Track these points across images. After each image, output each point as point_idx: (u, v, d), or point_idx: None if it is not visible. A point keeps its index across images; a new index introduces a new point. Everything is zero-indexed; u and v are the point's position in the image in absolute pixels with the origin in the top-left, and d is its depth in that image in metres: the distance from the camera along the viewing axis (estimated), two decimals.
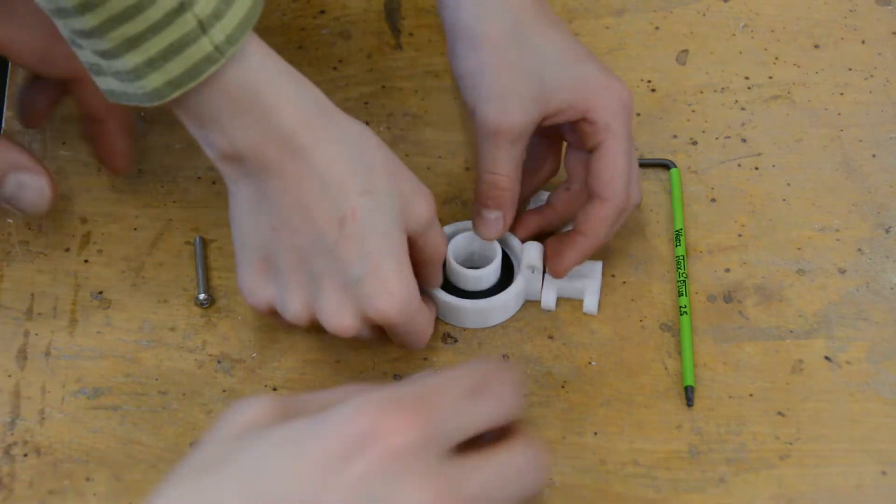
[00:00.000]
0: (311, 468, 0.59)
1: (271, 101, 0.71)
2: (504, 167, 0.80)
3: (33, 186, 0.80)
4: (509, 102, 0.79)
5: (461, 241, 0.83)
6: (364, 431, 0.59)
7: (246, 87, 0.70)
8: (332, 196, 0.72)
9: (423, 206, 0.75)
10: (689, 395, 0.79)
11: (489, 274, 0.82)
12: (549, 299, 0.83)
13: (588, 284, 0.83)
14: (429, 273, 0.79)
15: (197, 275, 0.84)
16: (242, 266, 0.76)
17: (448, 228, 0.84)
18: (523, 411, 0.64)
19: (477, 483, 0.61)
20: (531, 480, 0.63)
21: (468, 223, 0.84)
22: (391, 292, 0.73)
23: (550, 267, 0.82)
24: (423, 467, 0.59)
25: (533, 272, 0.82)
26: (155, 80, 0.69)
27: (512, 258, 0.84)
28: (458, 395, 0.62)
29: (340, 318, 0.74)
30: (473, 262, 0.83)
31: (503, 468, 0.62)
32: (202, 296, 0.83)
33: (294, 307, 0.75)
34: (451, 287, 0.82)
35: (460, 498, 0.60)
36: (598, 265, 0.84)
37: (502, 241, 0.84)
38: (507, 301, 0.82)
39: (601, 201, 0.80)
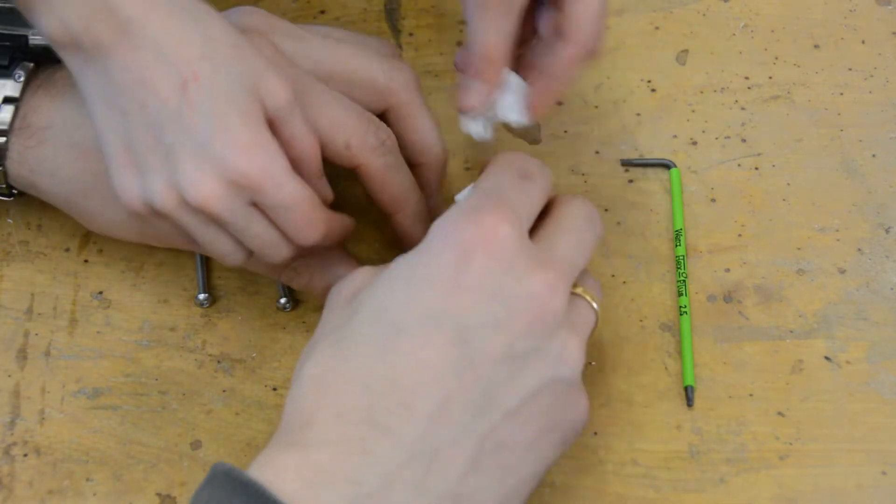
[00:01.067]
0: (434, 286, 0.67)
1: None
2: (490, 36, 0.77)
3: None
4: None
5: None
6: (468, 240, 0.68)
7: None
8: (170, 63, 0.70)
9: (277, 85, 0.72)
10: (689, 395, 0.79)
11: None
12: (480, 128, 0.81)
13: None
14: (304, 176, 0.75)
15: (197, 275, 0.84)
16: (110, 165, 0.73)
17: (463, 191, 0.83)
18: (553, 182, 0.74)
19: (563, 246, 0.71)
20: (598, 224, 0.74)
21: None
22: (243, 145, 0.70)
23: (531, 102, 0.79)
24: (527, 253, 0.69)
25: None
26: None
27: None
28: (517, 185, 0.72)
29: (200, 186, 0.71)
30: None
31: (573, 222, 0.73)
32: (202, 296, 0.83)
33: (158, 190, 0.72)
34: None
35: (561, 267, 0.70)
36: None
37: None
38: None
39: (571, 44, 0.77)
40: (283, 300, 0.83)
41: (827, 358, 0.82)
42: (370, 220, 0.86)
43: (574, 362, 0.70)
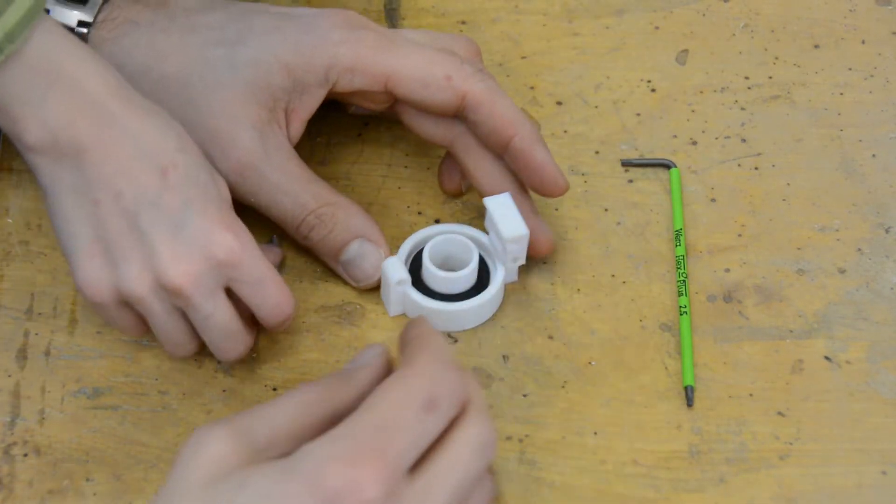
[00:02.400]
0: None
1: (77, 73, 0.73)
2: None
3: (372, 257, 0.82)
4: None
5: (439, 242, 0.83)
6: (335, 489, 0.61)
7: (49, 65, 0.72)
8: (150, 154, 0.74)
9: (224, 186, 0.77)
10: (689, 395, 0.79)
11: (464, 277, 0.82)
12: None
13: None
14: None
15: None
16: (75, 261, 0.75)
17: (425, 231, 0.84)
18: (475, 388, 0.67)
19: (441, 491, 0.64)
20: (490, 451, 0.66)
21: (447, 226, 0.84)
22: (223, 224, 0.74)
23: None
24: None
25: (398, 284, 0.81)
26: None
27: (488, 262, 0.83)
28: (415, 419, 0.64)
29: (178, 264, 0.73)
30: (450, 266, 0.83)
31: (457, 463, 0.65)
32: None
33: (132, 275, 0.73)
34: (426, 290, 0.82)
35: None
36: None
37: (480, 246, 0.83)
38: (481, 305, 0.82)
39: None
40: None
41: (827, 358, 0.82)
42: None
43: None
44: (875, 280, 0.85)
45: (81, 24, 0.82)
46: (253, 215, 0.82)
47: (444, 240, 0.83)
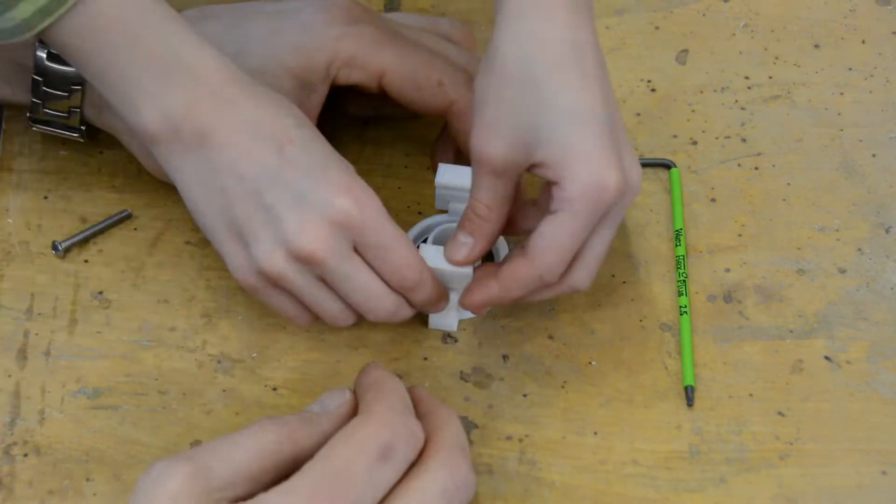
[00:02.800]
0: None
1: (194, 61, 0.74)
2: (484, 196, 0.76)
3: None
4: (495, 135, 0.74)
5: (442, 233, 0.83)
6: None
7: (165, 51, 0.73)
8: (267, 134, 0.74)
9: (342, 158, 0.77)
10: (689, 394, 0.79)
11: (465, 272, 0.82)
12: (452, 321, 0.82)
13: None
14: None
15: None
16: (222, 253, 0.77)
17: (428, 220, 0.85)
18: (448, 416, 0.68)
19: None
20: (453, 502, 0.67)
21: (453, 216, 0.84)
22: (343, 188, 0.74)
23: (462, 297, 0.79)
24: None
25: None
26: (24, 10, 0.70)
27: (492, 251, 0.83)
28: (370, 468, 0.65)
29: (305, 232, 0.74)
30: None
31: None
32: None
33: (264, 253, 0.74)
34: None
35: None
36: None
37: None
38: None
39: (527, 262, 0.75)
40: None
41: (827, 358, 0.82)
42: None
43: None
44: (875, 280, 0.85)
45: None
46: None
47: (451, 229, 0.83)
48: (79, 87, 0.82)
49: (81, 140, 0.86)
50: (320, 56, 0.81)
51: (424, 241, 0.84)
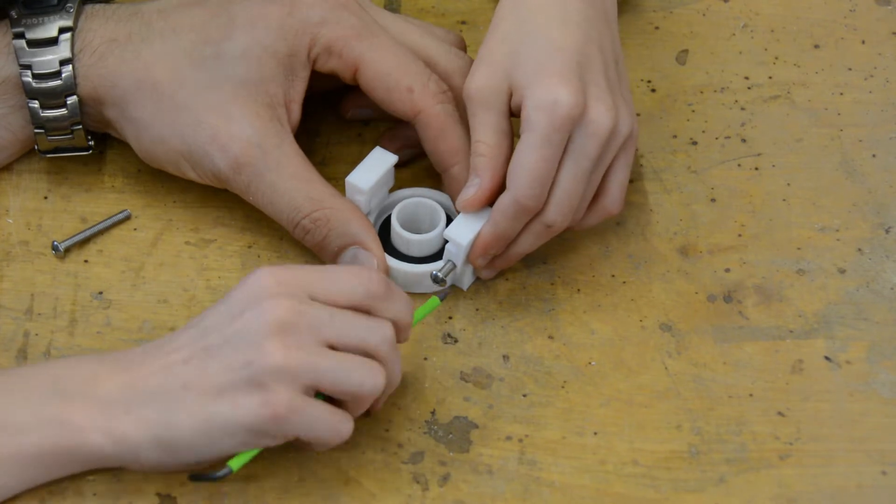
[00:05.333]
0: None
1: None
2: (482, 134, 0.80)
3: (366, 264, 0.82)
4: (481, 65, 0.81)
5: (408, 205, 0.84)
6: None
7: None
8: None
9: None
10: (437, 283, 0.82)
11: (431, 240, 0.83)
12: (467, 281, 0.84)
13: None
14: None
15: None
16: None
17: (398, 193, 0.85)
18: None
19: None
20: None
21: (418, 189, 0.85)
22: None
23: (470, 255, 0.82)
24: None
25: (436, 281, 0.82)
26: None
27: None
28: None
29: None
30: (418, 228, 0.84)
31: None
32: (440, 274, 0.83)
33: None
34: (395, 252, 0.83)
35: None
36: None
37: (449, 210, 0.84)
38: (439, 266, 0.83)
39: (505, 191, 0.80)
40: None
41: (827, 358, 0.82)
42: None
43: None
44: (875, 280, 0.85)
45: (63, 29, 0.82)
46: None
47: (413, 203, 0.83)
48: (73, 95, 0.82)
49: (91, 152, 0.86)
50: (301, 40, 0.82)
51: (388, 216, 0.85)
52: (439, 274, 0.81)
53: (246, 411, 0.71)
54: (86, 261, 0.85)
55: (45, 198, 0.87)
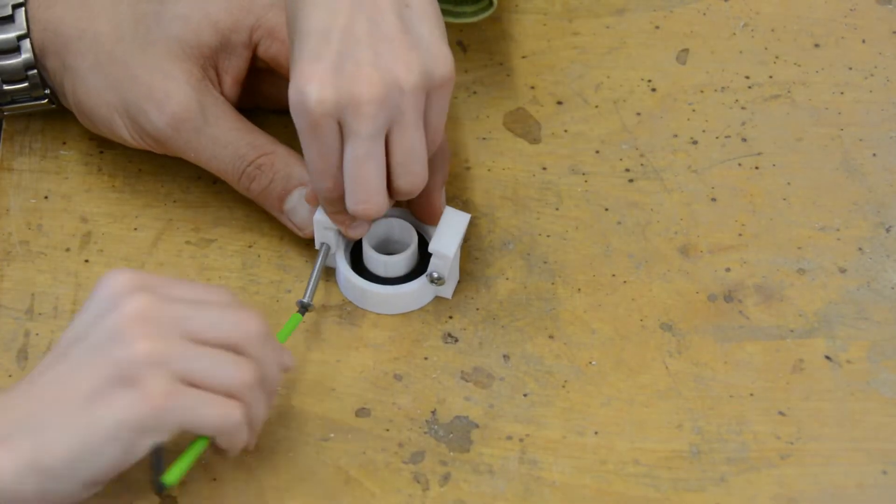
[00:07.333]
0: None
1: None
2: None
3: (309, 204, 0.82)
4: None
5: (379, 226, 0.83)
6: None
7: None
8: None
9: None
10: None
11: (403, 261, 0.82)
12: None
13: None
14: None
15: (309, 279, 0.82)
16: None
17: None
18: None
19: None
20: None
21: (389, 210, 0.83)
22: None
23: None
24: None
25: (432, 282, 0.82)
26: None
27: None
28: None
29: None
30: (389, 248, 0.83)
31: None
32: (305, 300, 0.81)
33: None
34: (365, 272, 0.83)
35: None
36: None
37: (421, 229, 0.84)
38: (415, 290, 0.82)
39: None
40: None
41: (828, 357, 0.82)
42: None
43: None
44: (876, 279, 0.85)
45: None
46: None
47: (385, 223, 0.83)
48: (27, 39, 0.83)
49: (53, 106, 0.86)
50: (245, 19, 0.82)
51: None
52: (435, 273, 0.81)
53: (123, 410, 0.68)
54: (86, 260, 0.85)
55: (46, 198, 0.87)
